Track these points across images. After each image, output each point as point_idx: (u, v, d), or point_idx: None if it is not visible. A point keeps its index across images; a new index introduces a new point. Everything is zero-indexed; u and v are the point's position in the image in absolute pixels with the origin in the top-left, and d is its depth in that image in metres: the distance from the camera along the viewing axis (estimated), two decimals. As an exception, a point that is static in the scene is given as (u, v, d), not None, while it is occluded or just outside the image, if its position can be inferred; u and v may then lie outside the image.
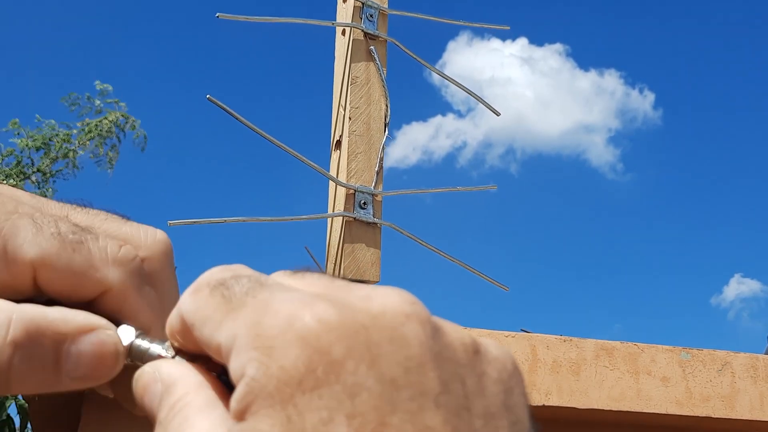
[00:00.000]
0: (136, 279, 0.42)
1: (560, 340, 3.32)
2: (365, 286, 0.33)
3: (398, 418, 0.29)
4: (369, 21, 1.99)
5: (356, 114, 1.95)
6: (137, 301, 0.42)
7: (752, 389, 3.38)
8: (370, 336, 0.30)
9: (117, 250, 0.42)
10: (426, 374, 0.30)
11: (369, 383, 0.29)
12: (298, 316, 0.30)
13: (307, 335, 0.30)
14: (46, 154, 13.42)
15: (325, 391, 0.29)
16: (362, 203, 1.91)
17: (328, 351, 0.30)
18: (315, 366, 0.29)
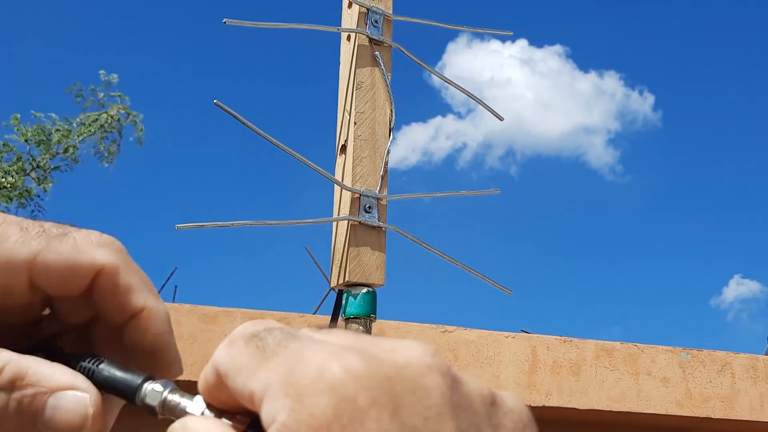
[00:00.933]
0: (123, 257, 0.45)
1: (560, 340, 3.33)
2: (390, 339, 0.35)
3: None
4: (374, 27, 2.00)
5: (361, 119, 1.96)
6: (130, 276, 0.44)
7: (752, 390, 3.40)
8: (394, 386, 0.32)
9: (98, 237, 0.45)
10: (445, 423, 0.32)
11: (391, 430, 0.31)
12: (328, 366, 0.32)
13: (336, 384, 0.32)
14: (46, 149, 13.31)
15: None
16: (367, 207, 1.93)
17: (355, 399, 0.31)
18: (342, 413, 0.31)
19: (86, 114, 13.61)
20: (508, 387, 3.27)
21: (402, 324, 3.34)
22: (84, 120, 13.48)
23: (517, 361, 3.31)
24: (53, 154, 13.31)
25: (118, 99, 13.86)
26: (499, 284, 2.01)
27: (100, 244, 0.45)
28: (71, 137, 13.34)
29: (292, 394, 0.32)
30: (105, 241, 0.45)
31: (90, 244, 0.44)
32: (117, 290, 0.44)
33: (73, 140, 13.33)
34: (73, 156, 13.48)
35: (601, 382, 3.32)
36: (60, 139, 13.25)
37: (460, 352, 3.22)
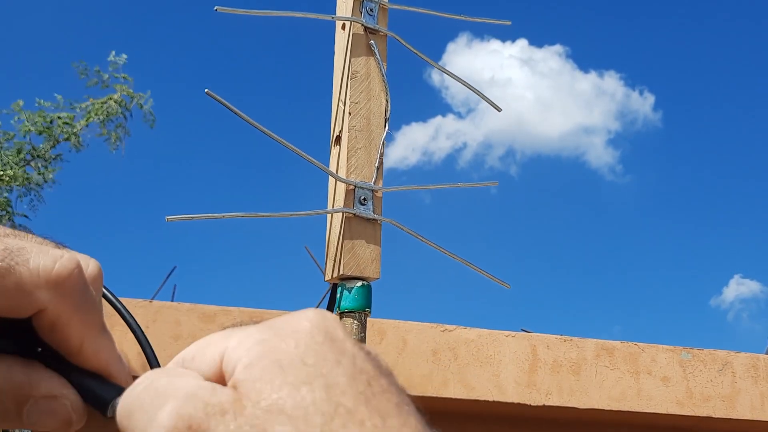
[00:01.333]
0: (70, 298, 0.46)
1: (560, 339, 3.30)
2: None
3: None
4: (369, 15, 1.98)
5: (356, 109, 1.93)
6: (69, 320, 0.46)
7: (753, 389, 3.37)
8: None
9: (51, 268, 0.45)
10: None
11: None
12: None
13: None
14: (48, 137, 13.15)
15: None
16: (362, 199, 1.90)
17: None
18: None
19: (91, 100, 13.38)
20: (508, 386, 3.25)
21: (401, 323, 3.31)
22: (89, 107, 13.28)
23: (517, 360, 3.29)
24: (55, 141, 13.15)
25: (122, 80, 13.64)
26: (496, 278, 1.98)
27: (49, 282, 0.44)
28: (74, 126, 13.16)
29: (274, 325, 0.40)
30: (56, 278, 0.45)
31: (35, 283, 0.44)
32: (54, 329, 0.46)
33: (75, 127, 13.14)
34: (76, 143, 13.28)
35: (601, 382, 3.29)
36: (62, 127, 13.07)
37: (460, 351, 3.19)
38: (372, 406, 0.37)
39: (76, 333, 0.46)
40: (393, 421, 0.37)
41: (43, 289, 0.44)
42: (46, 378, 0.46)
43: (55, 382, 0.46)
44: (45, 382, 0.46)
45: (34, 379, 0.46)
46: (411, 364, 3.27)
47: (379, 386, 0.38)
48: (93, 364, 0.47)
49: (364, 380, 0.38)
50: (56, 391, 0.46)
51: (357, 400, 0.37)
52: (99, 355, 0.47)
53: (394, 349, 3.34)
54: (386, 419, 0.37)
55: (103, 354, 0.47)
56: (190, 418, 0.38)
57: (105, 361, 0.47)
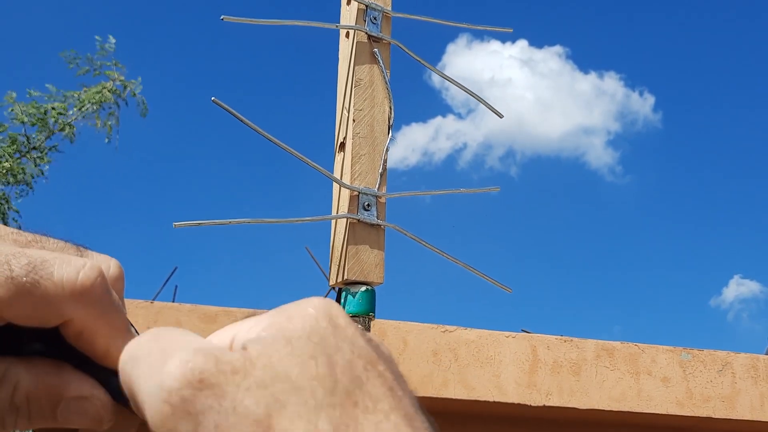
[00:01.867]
0: (95, 307, 0.47)
1: (561, 340, 3.32)
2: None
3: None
4: (372, 23, 1.99)
5: (360, 116, 1.95)
6: (94, 328, 0.47)
7: (753, 390, 3.39)
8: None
9: (75, 279, 0.46)
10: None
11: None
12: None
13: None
14: (42, 128, 12.97)
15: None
16: (366, 205, 1.92)
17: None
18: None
19: (84, 89, 13.15)
20: (508, 386, 3.27)
21: (402, 324, 3.33)
22: (81, 95, 13.03)
23: (517, 360, 3.31)
24: (50, 132, 12.98)
25: (113, 67, 13.38)
26: (498, 282, 2.00)
27: (74, 293, 0.45)
28: (67, 115, 12.96)
29: (280, 313, 0.42)
30: (80, 290, 0.46)
31: (60, 296, 0.45)
32: (81, 337, 0.47)
33: (70, 116, 12.95)
34: (70, 133, 13.10)
35: (601, 382, 3.31)
36: (56, 117, 12.88)
37: (461, 352, 3.21)
38: (365, 390, 0.39)
39: (102, 338, 0.48)
40: (384, 404, 0.39)
41: (69, 301, 0.46)
42: (76, 379, 0.48)
43: (86, 383, 0.48)
44: (76, 383, 0.48)
45: (65, 380, 0.48)
46: (411, 365, 3.28)
47: (376, 372, 0.40)
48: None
49: (361, 365, 0.40)
50: (87, 392, 0.48)
51: (353, 382, 0.39)
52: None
53: (394, 350, 3.35)
54: (377, 402, 0.39)
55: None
56: (201, 371, 0.38)
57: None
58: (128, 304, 3.84)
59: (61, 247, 0.51)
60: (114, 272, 0.51)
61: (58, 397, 0.48)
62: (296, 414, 0.37)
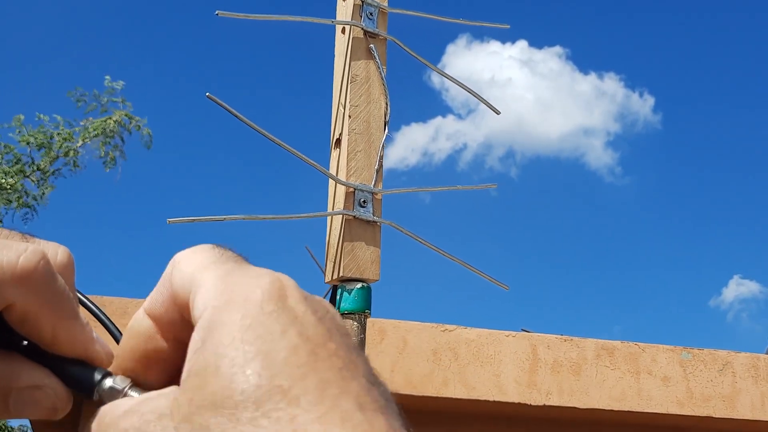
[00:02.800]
0: (38, 291, 0.46)
1: (561, 339, 3.31)
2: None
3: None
4: (369, 19, 1.99)
5: (356, 112, 1.94)
6: (39, 311, 0.46)
7: (753, 389, 3.38)
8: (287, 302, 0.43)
9: (15, 262, 0.45)
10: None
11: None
12: (253, 286, 0.42)
13: (253, 297, 0.41)
14: (47, 152, 13.32)
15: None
16: (362, 201, 1.91)
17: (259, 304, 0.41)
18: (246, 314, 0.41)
19: (90, 119, 13.61)
20: (508, 386, 3.26)
21: (402, 323, 3.32)
22: (87, 125, 13.48)
23: (517, 360, 3.29)
24: (54, 157, 13.30)
25: (120, 104, 13.88)
26: (495, 279, 1.99)
27: (14, 277, 0.45)
28: (73, 140, 13.33)
29: (228, 290, 0.41)
30: (21, 273, 0.45)
31: (1, 277, 0.44)
32: (25, 322, 0.46)
33: (74, 143, 13.32)
34: (75, 159, 13.48)
35: (601, 381, 3.30)
36: (61, 143, 13.23)
37: (461, 351, 3.20)
38: (311, 378, 0.38)
39: (48, 324, 0.47)
40: (332, 389, 0.38)
41: (9, 285, 0.45)
42: (27, 369, 0.47)
43: (37, 372, 0.47)
44: (26, 373, 0.47)
45: (15, 371, 0.47)
46: (411, 364, 3.27)
47: (326, 352, 0.39)
48: (70, 351, 0.48)
49: (308, 350, 0.39)
50: (38, 381, 0.47)
51: (294, 376, 0.38)
52: (74, 341, 0.48)
53: (394, 349, 3.34)
54: (325, 389, 0.38)
55: (78, 340, 0.48)
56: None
57: (82, 347, 0.48)
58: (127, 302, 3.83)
59: (5, 235, 0.50)
60: (62, 259, 0.50)
61: (9, 389, 0.47)
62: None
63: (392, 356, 3.26)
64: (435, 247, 1.99)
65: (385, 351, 3.29)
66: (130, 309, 4.01)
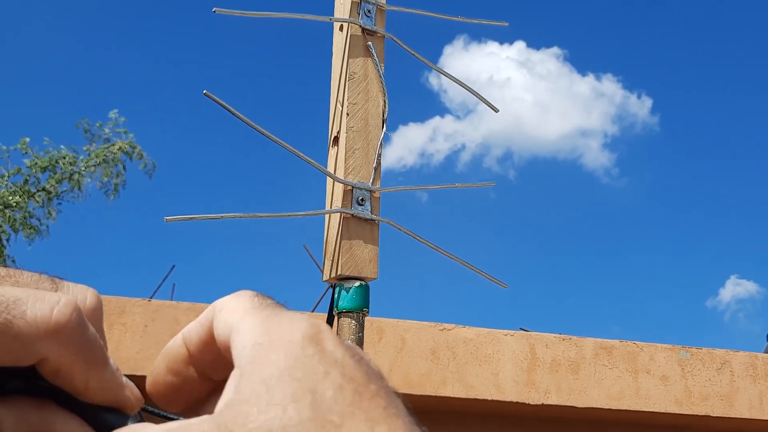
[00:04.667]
0: (71, 344, 0.46)
1: (559, 338, 3.31)
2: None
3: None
4: (367, 16, 1.98)
5: (354, 110, 1.94)
6: (71, 364, 0.46)
7: (751, 388, 3.38)
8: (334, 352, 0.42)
9: (49, 317, 0.45)
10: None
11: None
12: (294, 329, 0.42)
13: (293, 342, 0.42)
14: (52, 175, 13.70)
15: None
16: (360, 200, 1.90)
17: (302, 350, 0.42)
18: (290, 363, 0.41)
19: (92, 144, 14.16)
20: (506, 385, 3.26)
21: (400, 322, 3.32)
22: (91, 151, 14.00)
23: (515, 359, 3.29)
24: (59, 179, 13.65)
25: (123, 135, 14.42)
26: (493, 278, 1.98)
27: (48, 332, 0.45)
28: (77, 164, 13.75)
29: (268, 333, 0.42)
30: (54, 327, 0.45)
31: (34, 335, 0.44)
32: (58, 374, 0.46)
33: (78, 166, 13.70)
34: (78, 182, 13.90)
35: (600, 380, 3.30)
36: (66, 166, 13.65)
37: (459, 350, 3.19)
38: (359, 416, 0.38)
39: (80, 374, 0.47)
40: (381, 427, 0.38)
41: (43, 340, 0.45)
42: (61, 418, 0.47)
43: (71, 421, 0.47)
44: (60, 422, 0.47)
45: (50, 420, 0.47)
46: (410, 363, 3.27)
47: (369, 393, 0.40)
48: (101, 399, 0.48)
49: (352, 389, 0.39)
50: (73, 430, 0.47)
51: (344, 413, 0.38)
52: (106, 389, 0.48)
53: (392, 348, 3.34)
54: (374, 426, 0.38)
55: (109, 388, 0.48)
56: None
57: (113, 394, 0.48)
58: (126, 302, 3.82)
59: (35, 280, 0.49)
60: (91, 303, 0.50)
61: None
62: None
63: (390, 355, 3.25)
64: (433, 245, 1.98)
65: (383, 350, 3.28)
66: (128, 308, 4.01)
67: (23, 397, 0.47)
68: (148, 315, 4.02)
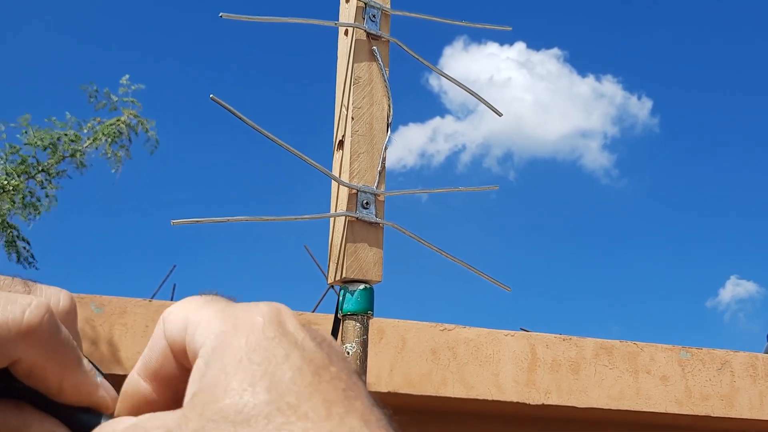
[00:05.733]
0: (43, 345, 0.47)
1: (560, 339, 3.32)
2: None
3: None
4: (371, 21, 1.99)
5: (359, 114, 1.95)
6: (44, 365, 0.47)
7: (752, 388, 3.39)
8: (286, 327, 0.43)
9: (21, 319, 0.46)
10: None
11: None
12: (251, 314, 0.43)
13: (252, 324, 0.43)
14: (53, 153, 13.41)
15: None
16: (365, 203, 1.91)
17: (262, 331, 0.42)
18: (250, 340, 0.42)
19: (98, 120, 13.72)
20: (507, 385, 3.27)
21: (401, 322, 3.33)
22: (95, 126, 13.58)
23: (516, 359, 3.30)
24: (60, 157, 13.38)
25: (130, 104, 13.97)
26: (497, 281, 1.99)
27: (20, 333, 0.46)
28: (79, 143, 13.44)
29: (229, 319, 0.42)
30: (26, 329, 0.46)
31: (5, 336, 0.45)
32: (31, 375, 0.47)
33: (82, 143, 13.42)
34: (80, 160, 13.58)
35: (600, 381, 3.31)
36: (68, 144, 13.33)
37: (460, 350, 3.21)
38: (316, 397, 0.39)
39: (54, 375, 0.47)
40: (338, 407, 0.39)
41: (15, 342, 0.45)
42: (37, 419, 0.48)
43: (47, 422, 0.48)
44: (37, 423, 0.48)
45: (26, 421, 0.48)
46: (410, 363, 3.28)
47: (328, 375, 0.40)
48: (75, 400, 0.49)
49: (311, 371, 0.40)
50: (49, 430, 0.48)
51: (301, 395, 0.39)
52: (80, 390, 0.48)
53: (393, 348, 3.35)
54: (331, 407, 0.39)
55: (83, 389, 0.49)
56: None
57: (87, 394, 0.49)
58: (127, 302, 3.82)
59: (8, 284, 0.51)
60: (64, 305, 0.51)
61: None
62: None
63: (391, 355, 3.26)
64: (437, 248, 1.99)
65: (384, 350, 3.29)
66: (129, 308, 4.01)
67: (1, 400, 0.48)
68: (149, 315, 4.02)
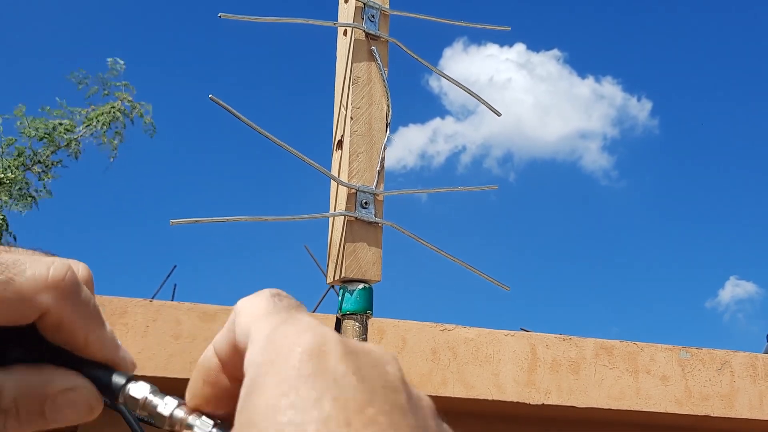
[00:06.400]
0: (69, 298, 0.50)
1: (560, 339, 3.32)
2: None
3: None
4: (370, 21, 1.99)
5: (358, 114, 1.95)
6: (72, 317, 0.50)
7: (752, 388, 3.39)
8: (358, 356, 0.42)
9: (46, 273, 0.49)
10: (399, 395, 0.41)
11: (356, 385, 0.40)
12: (305, 333, 0.42)
13: (307, 344, 0.41)
14: (50, 142, 13.19)
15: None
16: (364, 203, 1.92)
17: (323, 346, 0.41)
18: (304, 359, 0.41)
19: (92, 107, 13.39)
20: (507, 385, 3.27)
21: (401, 322, 3.33)
22: (89, 113, 13.29)
23: (516, 359, 3.30)
24: (56, 147, 13.19)
25: (123, 88, 13.62)
26: (496, 280, 2.00)
27: (47, 286, 0.48)
28: (75, 131, 13.20)
29: (271, 348, 0.41)
30: (52, 282, 0.49)
31: (34, 289, 0.48)
32: (60, 328, 0.50)
33: (77, 132, 13.19)
34: (76, 150, 13.35)
35: (600, 381, 3.31)
36: (63, 133, 13.10)
37: (459, 351, 3.21)
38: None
39: (80, 328, 0.50)
40: None
41: (43, 293, 0.48)
42: (59, 374, 0.50)
43: (68, 375, 0.50)
44: (59, 377, 0.50)
45: (47, 378, 0.50)
46: (410, 363, 3.28)
47: (363, 419, 0.38)
48: (99, 356, 0.51)
49: (342, 418, 0.38)
50: (71, 383, 0.50)
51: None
52: (103, 346, 0.51)
53: (393, 348, 3.35)
54: None
55: (107, 345, 0.51)
56: None
57: (110, 352, 0.51)
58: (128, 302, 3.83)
59: (30, 253, 0.53)
60: (83, 273, 0.53)
61: (44, 396, 0.49)
62: None
63: (392, 355, 3.26)
64: (436, 248, 2.00)
65: (384, 350, 3.29)
66: (129, 309, 4.01)
67: (23, 364, 0.50)
68: (150, 315, 4.02)
